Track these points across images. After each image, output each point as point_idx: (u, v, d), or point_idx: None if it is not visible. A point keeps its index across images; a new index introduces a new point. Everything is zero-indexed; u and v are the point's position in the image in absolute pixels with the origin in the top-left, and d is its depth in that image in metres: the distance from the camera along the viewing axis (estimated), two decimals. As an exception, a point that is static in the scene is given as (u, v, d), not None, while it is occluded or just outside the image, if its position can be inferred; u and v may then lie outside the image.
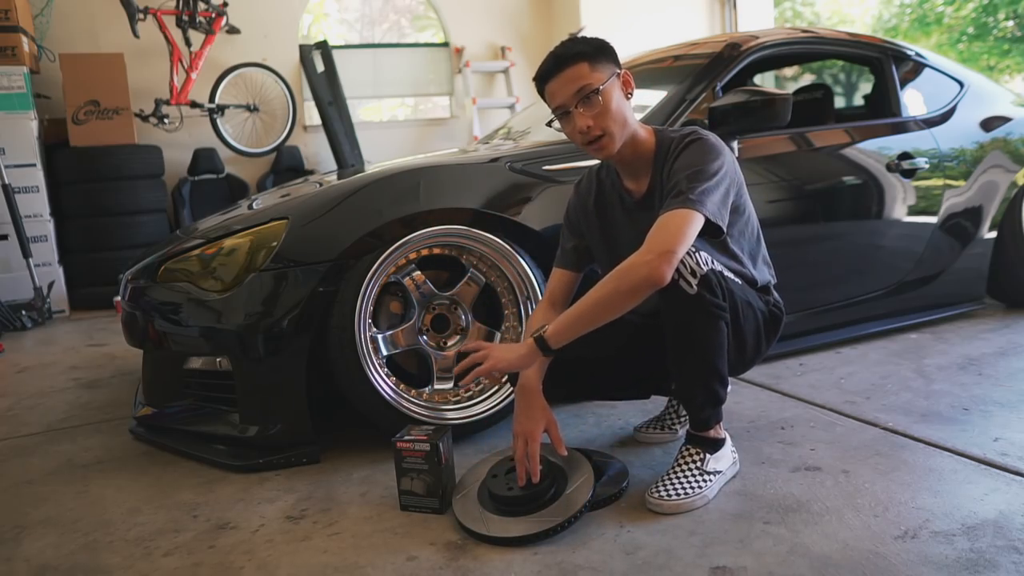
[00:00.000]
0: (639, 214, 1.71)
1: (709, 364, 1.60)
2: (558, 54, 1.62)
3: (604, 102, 1.59)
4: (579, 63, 1.59)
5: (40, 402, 2.67)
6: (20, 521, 1.73)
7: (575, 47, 1.61)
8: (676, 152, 1.62)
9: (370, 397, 1.92)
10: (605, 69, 1.61)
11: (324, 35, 6.31)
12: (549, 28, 6.46)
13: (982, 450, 1.78)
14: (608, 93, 1.59)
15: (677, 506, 1.57)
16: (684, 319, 1.55)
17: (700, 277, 1.53)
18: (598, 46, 1.62)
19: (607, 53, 1.63)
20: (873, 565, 1.33)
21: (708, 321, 1.56)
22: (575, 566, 1.40)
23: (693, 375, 1.61)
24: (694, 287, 1.52)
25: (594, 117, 1.59)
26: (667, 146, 1.66)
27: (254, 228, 1.97)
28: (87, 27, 5.19)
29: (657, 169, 1.67)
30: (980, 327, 2.89)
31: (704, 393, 1.63)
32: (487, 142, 3.19)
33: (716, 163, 1.59)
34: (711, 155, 1.60)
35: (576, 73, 1.59)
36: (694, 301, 1.53)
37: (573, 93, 1.59)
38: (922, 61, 3.06)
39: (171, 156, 5.16)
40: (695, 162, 1.58)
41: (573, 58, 1.59)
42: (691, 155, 1.60)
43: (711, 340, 1.57)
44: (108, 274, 3.94)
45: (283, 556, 1.50)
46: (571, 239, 1.86)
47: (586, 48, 1.60)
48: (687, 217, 1.50)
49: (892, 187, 2.73)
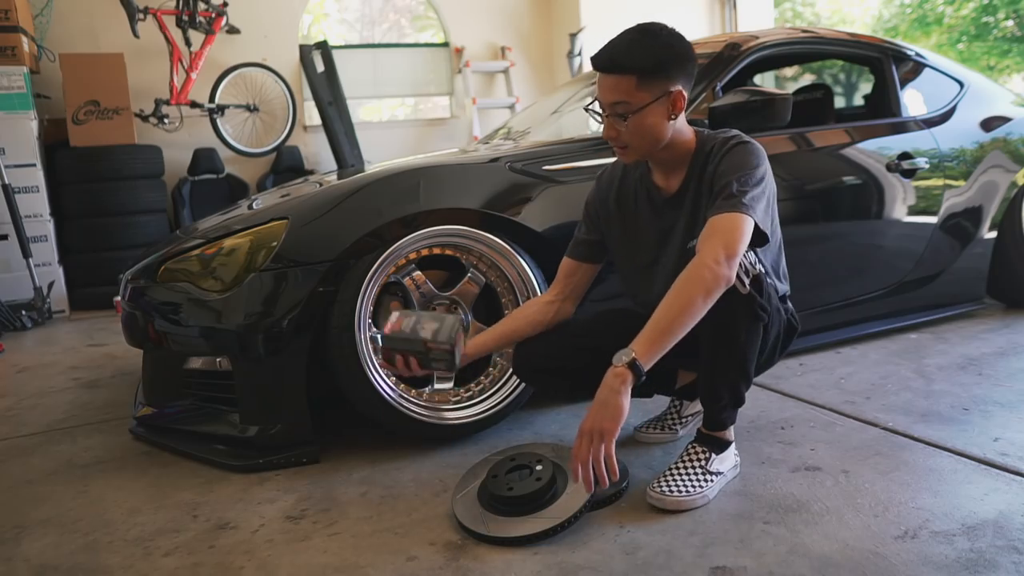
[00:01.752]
0: (667, 211, 1.70)
1: (742, 365, 1.60)
2: (615, 56, 1.54)
3: (635, 123, 1.56)
4: (628, 76, 1.53)
5: (40, 402, 2.67)
6: (20, 521, 1.73)
7: (632, 57, 1.53)
8: (721, 153, 1.60)
9: (370, 397, 1.92)
10: (655, 88, 1.54)
11: (324, 35, 6.31)
12: (549, 28, 6.46)
13: (982, 450, 1.78)
14: (642, 117, 1.55)
15: (678, 503, 1.57)
16: (730, 318, 1.54)
17: (752, 277, 1.53)
18: (660, 61, 1.54)
19: (667, 69, 1.54)
20: (873, 565, 1.33)
21: (751, 322, 1.56)
22: (575, 566, 1.40)
23: (725, 374, 1.61)
24: (747, 287, 1.52)
25: (619, 132, 1.58)
26: (709, 147, 1.64)
27: (254, 228, 1.97)
28: (87, 27, 5.19)
29: (694, 169, 1.65)
30: (980, 327, 2.89)
31: (731, 393, 1.63)
32: (487, 142, 3.19)
33: (761, 169, 1.58)
34: (757, 160, 1.58)
35: (621, 85, 1.54)
36: (744, 301, 1.52)
37: (609, 103, 1.57)
38: (922, 61, 3.06)
39: (171, 156, 5.15)
40: (743, 164, 1.56)
41: (625, 69, 1.53)
42: (739, 158, 1.57)
43: (750, 341, 1.58)
44: (108, 274, 3.93)
45: (283, 556, 1.50)
46: (586, 232, 1.84)
47: (645, 63, 1.53)
48: (741, 221, 1.49)
49: (892, 187, 2.73)
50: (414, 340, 1.64)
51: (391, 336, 1.66)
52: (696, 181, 1.64)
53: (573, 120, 2.89)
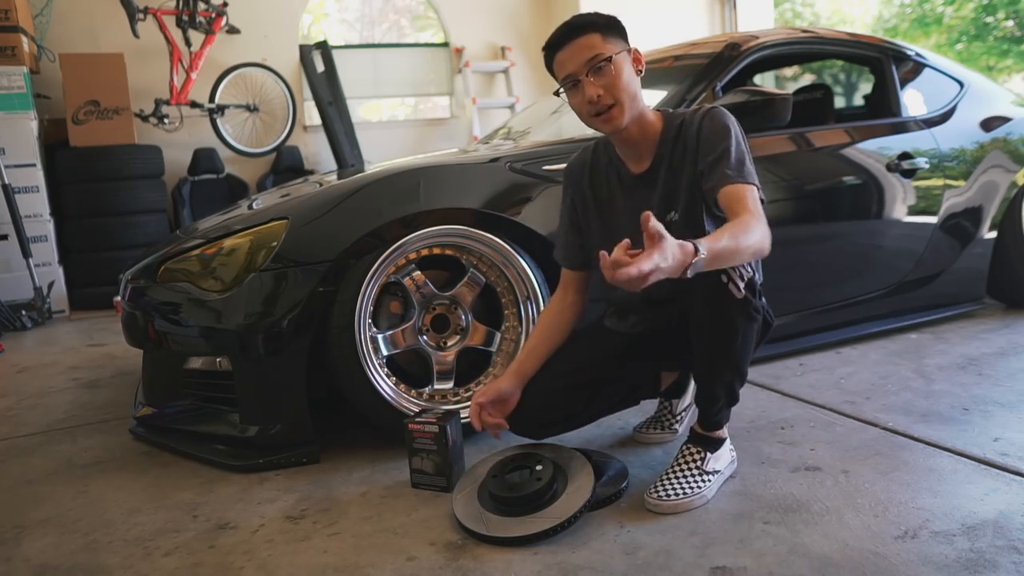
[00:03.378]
0: (639, 189, 1.70)
1: (738, 367, 1.60)
2: (571, 23, 1.61)
3: (616, 72, 1.58)
4: (592, 33, 1.58)
5: (40, 402, 2.67)
6: (20, 521, 1.73)
7: (588, 17, 1.61)
8: (697, 121, 1.62)
9: (370, 397, 1.92)
10: (617, 42, 1.60)
11: (324, 35, 6.30)
12: (549, 28, 6.35)
13: (982, 450, 1.78)
14: (620, 64, 1.59)
15: (676, 506, 1.57)
16: (727, 321, 1.55)
17: (747, 280, 1.54)
18: (610, 19, 1.62)
19: (618, 28, 1.63)
20: (873, 565, 1.33)
21: (747, 324, 1.56)
22: (575, 566, 1.39)
23: (721, 376, 1.61)
24: (742, 291, 1.53)
25: (605, 86, 1.58)
26: (677, 121, 1.66)
27: (254, 228, 1.97)
28: (87, 27, 5.19)
29: (664, 146, 1.66)
30: (980, 327, 2.89)
31: (727, 394, 1.64)
32: (487, 142, 3.19)
33: (739, 134, 1.62)
34: (734, 126, 1.62)
35: (588, 42, 1.58)
36: (740, 305, 1.53)
37: (584, 62, 1.58)
38: (922, 61, 3.06)
39: (171, 156, 5.15)
40: (724, 130, 1.59)
41: (586, 27, 1.59)
42: (718, 123, 1.61)
43: (746, 343, 1.58)
44: (108, 274, 3.93)
45: (283, 556, 1.50)
46: (572, 232, 1.82)
47: (599, 20, 1.60)
48: (753, 192, 1.53)
49: (892, 187, 2.73)
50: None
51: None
52: (669, 154, 1.65)
53: (573, 120, 2.88)
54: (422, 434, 1.73)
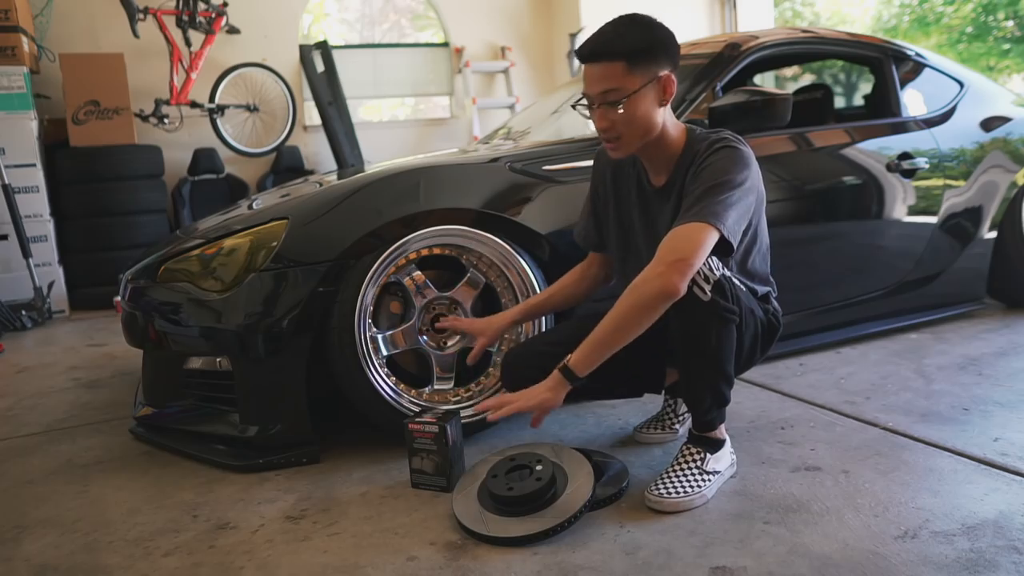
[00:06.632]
0: (653, 202, 1.70)
1: (719, 368, 1.60)
2: (599, 45, 1.54)
3: (627, 111, 1.55)
4: (616, 62, 1.52)
5: (40, 402, 2.67)
6: (20, 521, 1.73)
7: (620, 42, 1.52)
8: (704, 155, 1.58)
9: (370, 397, 1.92)
10: (644, 73, 1.54)
11: (324, 35, 6.30)
12: (549, 28, 6.45)
13: (982, 450, 1.78)
14: (635, 103, 1.54)
15: (676, 504, 1.57)
16: (697, 325, 1.54)
17: (713, 283, 1.52)
18: (647, 45, 1.54)
19: (655, 53, 1.54)
20: (873, 565, 1.33)
21: (721, 326, 1.55)
22: (575, 566, 1.40)
23: (702, 379, 1.61)
24: (708, 293, 1.51)
25: (613, 121, 1.56)
26: (696, 148, 1.62)
27: (254, 228, 1.97)
28: (87, 27, 5.19)
29: (681, 168, 1.64)
30: (980, 327, 2.89)
31: (712, 396, 1.63)
32: (487, 142, 3.19)
33: (742, 175, 1.55)
34: (739, 166, 1.55)
35: (610, 72, 1.53)
36: (707, 307, 1.52)
37: (599, 92, 1.55)
38: (922, 61, 3.06)
39: (171, 156, 5.15)
40: (723, 171, 1.53)
41: (613, 55, 1.52)
42: (720, 163, 1.55)
43: (723, 345, 1.57)
44: (108, 274, 3.93)
45: (283, 556, 1.50)
46: (593, 219, 1.88)
47: (630, 47, 1.52)
48: (704, 231, 1.47)
49: (892, 187, 2.73)
50: None
51: None
52: (682, 179, 1.63)
53: (573, 120, 2.89)
54: (422, 434, 1.73)
